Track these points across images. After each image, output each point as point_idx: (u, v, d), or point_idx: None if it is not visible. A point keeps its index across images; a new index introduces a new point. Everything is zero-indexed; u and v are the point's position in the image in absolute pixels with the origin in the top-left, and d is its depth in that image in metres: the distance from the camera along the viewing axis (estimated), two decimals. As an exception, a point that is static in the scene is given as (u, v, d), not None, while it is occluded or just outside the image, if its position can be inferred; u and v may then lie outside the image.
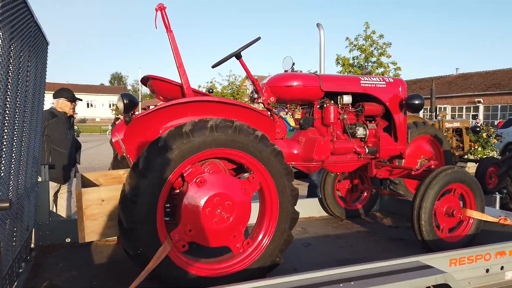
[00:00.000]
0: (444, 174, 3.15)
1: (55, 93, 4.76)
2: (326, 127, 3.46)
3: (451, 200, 3.25)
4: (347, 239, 3.64)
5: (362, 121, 3.61)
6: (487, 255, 2.76)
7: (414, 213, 3.13)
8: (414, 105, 3.50)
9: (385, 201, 4.79)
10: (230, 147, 2.37)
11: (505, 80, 31.91)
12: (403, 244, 3.49)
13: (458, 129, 9.01)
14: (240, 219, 2.44)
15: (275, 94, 3.26)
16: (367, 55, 15.93)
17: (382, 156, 3.57)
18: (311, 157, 3.24)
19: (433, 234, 3.12)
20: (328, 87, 3.33)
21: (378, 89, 3.54)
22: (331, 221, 4.32)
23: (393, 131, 3.69)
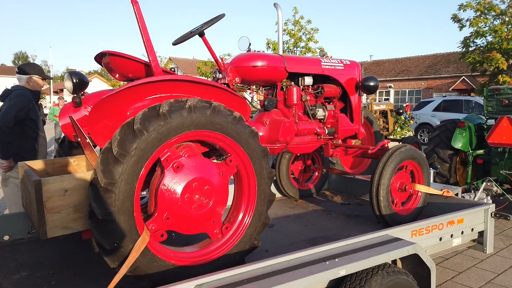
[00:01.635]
0: (399, 152, 3.35)
1: (23, 69, 3.98)
2: (289, 109, 3.45)
3: (404, 176, 3.49)
4: (307, 218, 3.73)
5: (321, 102, 3.68)
6: (441, 225, 3.03)
7: (373, 189, 3.30)
8: (369, 86, 3.65)
9: (333, 180, 5.00)
10: (209, 129, 2.23)
11: (412, 67, 35.19)
12: (360, 220, 3.67)
13: (384, 111, 9.74)
14: (218, 204, 2.33)
15: (240, 74, 3.15)
16: (296, 40, 16.32)
17: (340, 136, 3.68)
18: (277, 138, 3.22)
19: (390, 209, 3.32)
20: (293, 68, 3.31)
21: (337, 71, 3.62)
22: (286, 201, 4.39)
23: (349, 112, 3.82)
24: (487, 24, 16.01)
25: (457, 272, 3.81)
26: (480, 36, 16.02)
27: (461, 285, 3.54)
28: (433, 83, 32.54)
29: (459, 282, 3.60)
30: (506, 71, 15.74)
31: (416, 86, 33.92)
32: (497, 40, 15.19)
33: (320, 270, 2.08)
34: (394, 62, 38.07)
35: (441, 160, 5.85)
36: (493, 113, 5.61)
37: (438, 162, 5.88)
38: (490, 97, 5.61)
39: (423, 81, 33.31)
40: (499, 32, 15.11)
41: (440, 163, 5.86)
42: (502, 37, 15.05)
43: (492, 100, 5.59)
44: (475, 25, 15.90)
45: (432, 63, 34.27)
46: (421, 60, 35.83)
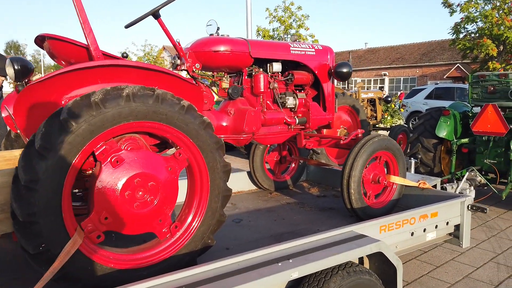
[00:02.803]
0: (371, 142, 3.17)
1: None
2: (256, 97, 3.25)
3: (377, 167, 3.32)
4: (278, 212, 3.56)
5: (292, 90, 3.48)
6: (412, 219, 2.87)
7: (344, 182, 3.13)
8: (342, 73, 3.45)
9: (311, 171, 4.83)
10: (152, 120, 2.03)
11: (407, 55, 34.91)
12: (332, 213, 3.51)
13: (372, 99, 9.55)
14: (166, 201, 2.15)
15: (200, 60, 2.94)
16: (286, 27, 16.01)
17: (312, 126, 3.49)
18: (242, 129, 3.03)
19: (362, 201, 3.16)
20: (258, 53, 3.10)
21: (307, 56, 3.41)
22: (260, 194, 4.22)
23: (322, 101, 3.63)
24: (477, 9, 15.74)
25: (435, 266, 3.68)
26: (471, 21, 15.75)
27: (437, 280, 3.41)
28: (428, 71, 32.33)
29: (435, 276, 3.47)
30: (497, 58, 15.54)
31: (411, 74, 33.72)
32: (488, 26, 14.93)
33: (271, 273, 1.91)
34: (389, 50, 37.76)
35: (425, 149, 5.70)
36: (478, 100, 5.44)
37: (422, 152, 5.72)
38: (475, 84, 5.43)
39: (417, 69, 33.09)
40: (490, 17, 14.85)
41: (424, 153, 5.71)
42: (492, 22, 14.79)
43: (477, 87, 5.41)
44: (465, 10, 15.61)
45: (427, 50, 34.01)
46: (416, 47, 35.54)
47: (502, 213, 5.15)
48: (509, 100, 5.11)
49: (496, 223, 4.76)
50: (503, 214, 5.09)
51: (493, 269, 3.56)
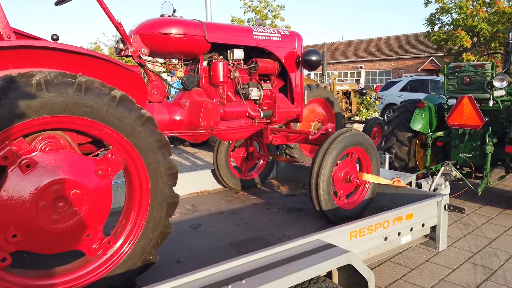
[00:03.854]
0: (342, 137, 2.89)
1: None
2: (215, 88, 2.90)
3: (349, 164, 3.04)
4: (243, 215, 3.24)
5: (256, 80, 3.14)
6: (386, 223, 2.60)
7: (312, 181, 2.83)
8: (311, 61, 3.14)
9: (281, 167, 4.53)
10: (73, 114, 1.66)
11: (382, 48, 35.17)
12: (301, 214, 3.22)
13: (347, 91, 9.34)
14: (95, 211, 1.78)
15: (147, 44, 2.55)
16: (262, 17, 15.61)
17: (278, 120, 3.18)
18: (197, 123, 2.67)
19: (332, 203, 2.88)
20: (215, 37, 2.74)
21: (272, 42, 3.08)
22: (225, 194, 3.89)
23: (290, 92, 3.31)
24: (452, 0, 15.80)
25: (410, 268, 3.46)
26: (445, 12, 15.80)
27: (412, 285, 3.18)
28: (403, 64, 32.67)
29: (410, 280, 3.24)
30: (471, 49, 15.67)
31: (386, 67, 34.01)
32: (462, 17, 15.00)
33: (217, 298, 1.59)
34: (366, 43, 37.94)
35: (400, 143, 5.49)
36: (454, 92, 5.26)
37: (397, 145, 5.52)
38: (451, 75, 5.25)
39: (393, 62, 33.39)
40: (464, 8, 14.91)
41: (399, 146, 5.51)
42: (467, 13, 14.87)
43: (453, 78, 5.23)
44: (440, 1, 15.63)
45: (402, 43, 34.33)
46: (392, 40, 35.84)
47: (477, 208, 5.01)
48: (485, 91, 4.95)
49: (471, 220, 4.61)
50: (478, 210, 4.95)
51: (470, 271, 3.37)
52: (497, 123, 5.07)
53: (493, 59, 13.87)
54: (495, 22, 14.83)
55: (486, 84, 4.85)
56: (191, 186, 3.92)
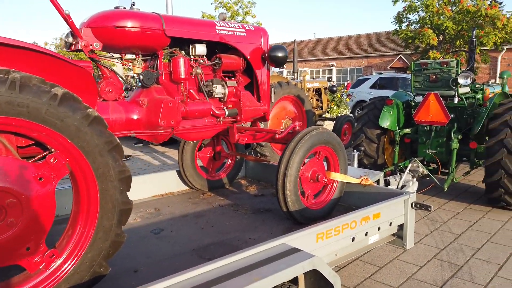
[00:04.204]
0: (309, 136, 2.81)
1: None
2: (176, 85, 2.75)
3: (316, 163, 2.97)
4: (208, 217, 3.11)
5: (220, 77, 3.01)
6: (353, 223, 2.55)
7: (279, 182, 2.74)
8: (277, 58, 3.04)
9: (250, 167, 4.42)
10: (6, 114, 1.48)
11: (353, 46, 35.74)
12: (269, 216, 3.13)
13: (317, 89, 9.34)
14: (36, 222, 1.61)
15: (100, 38, 2.37)
16: (233, 14, 15.44)
17: (244, 118, 3.06)
18: (156, 123, 2.52)
19: (299, 203, 2.80)
20: (174, 31, 2.58)
21: (237, 38, 2.95)
22: (191, 195, 3.74)
23: (256, 89, 3.20)
24: (419, -2, 16.21)
25: (378, 267, 3.44)
26: (412, 11, 16.18)
27: (381, 284, 3.16)
28: (373, 61, 33.32)
29: (378, 279, 3.22)
30: (437, 47, 16.12)
31: (357, 64, 34.58)
32: (429, 15, 15.40)
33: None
34: (337, 41, 38.42)
35: (369, 140, 5.51)
36: (421, 89, 5.32)
37: (366, 143, 5.54)
38: (418, 72, 5.30)
39: (363, 59, 33.99)
40: (431, 7, 15.31)
41: (368, 144, 5.53)
42: (433, 12, 15.27)
43: (420, 76, 5.29)
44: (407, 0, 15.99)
45: (372, 41, 34.99)
46: (362, 38, 36.46)
47: (443, 204, 5.10)
48: (451, 88, 5.03)
49: (438, 215, 4.68)
50: (445, 205, 5.03)
51: (437, 268, 3.39)
52: (462, 120, 5.17)
53: (458, 57, 14.33)
54: (460, 20, 15.32)
55: (451, 81, 4.92)
56: (155, 188, 3.75)
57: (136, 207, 3.35)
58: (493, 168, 4.47)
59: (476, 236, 4.04)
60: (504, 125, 4.42)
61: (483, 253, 3.65)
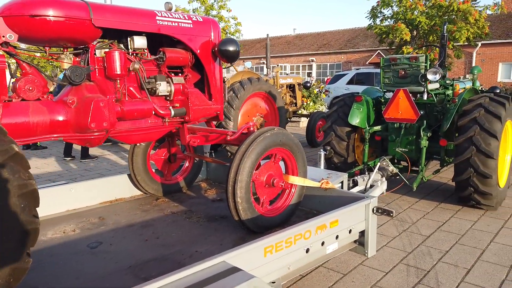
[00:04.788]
0: (262, 138, 2.57)
1: None
2: (112, 82, 2.46)
3: (272, 167, 2.74)
4: (156, 227, 2.85)
5: (165, 73, 2.74)
6: (307, 233, 2.33)
7: (229, 188, 2.50)
8: (228, 52, 2.79)
9: (212, 168, 4.17)
10: None
11: (333, 41, 35.80)
12: (222, 224, 2.89)
13: (291, 85, 9.14)
14: None
15: (15, 28, 2.07)
16: (207, 8, 15.06)
17: (193, 118, 2.80)
18: (85, 125, 2.23)
19: (252, 211, 2.57)
20: (104, 21, 2.29)
21: (182, 30, 2.68)
22: (144, 201, 3.46)
23: (207, 87, 2.94)
24: (393, -7, 16.22)
25: (342, 274, 3.25)
26: (386, 5, 16.16)
27: (343, 293, 2.97)
28: (352, 57, 33.46)
29: (341, 288, 3.03)
30: (410, 43, 16.17)
31: (336, 60, 34.67)
32: (402, 10, 15.41)
33: None
34: (316, 36, 38.41)
35: (339, 138, 5.33)
36: (390, 85, 5.17)
37: (335, 141, 5.36)
38: (387, 67, 5.14)
39: (342, 55, 34.10)
40: (404, 1, 15.32)
41: (338, 142, 5.35)
42: (406, 6, 15.29)
43: (389, 71, 5.13)
44: (381, -6, 16.01)
45: (351, 37, 35.12)
46: (341, 34, 36.55)
47: (414, 203, 4.97)
48: (420, 84, 4.88)
49: (407, 215, 4.54)
50: (415, 204, 4.91)
51: (403, 273, 3.23)
52: (431, 117, 5.05)
53: (432, 52, 14.38)
54: (433, 15, 15.39)
55: (420, 77, 4.78)
56: (105, 194, 3.45)
57: (78, 217, 3.07)
58: (462, 166, 4.35)
59: (445, 238, 3.91)
60: (472, 122, 4.30)
61: (451, 257, 3.51)
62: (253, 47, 39.82)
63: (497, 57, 25.29)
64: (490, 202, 4.41)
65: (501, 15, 27.00)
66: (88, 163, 7.64)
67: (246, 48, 39.62)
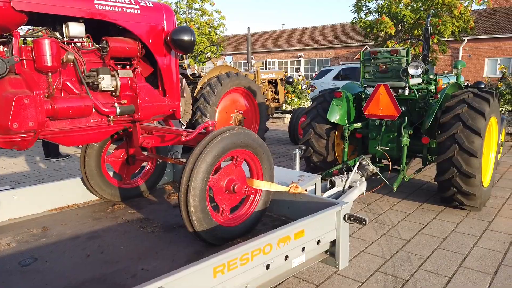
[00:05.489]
0: (220, 139, 2.28)
1: None
2: (44, 75, 2.14)
3: (233, 171, 2.45)
4: (104, 239, 2.54)
5: (110, 65, 2.42)
6: (267, 247, 2.06)
7: (181, 196, 2.20)
8: (181, 42, 2.48)
9: (179, 170, 3.87)
10: None
11: (321, 36, 35.60)
12: (180, 234, 2.60)
13: (273, 80, 8.85)
14: None
15: None
16: (190, 1, 14.64)
17: (143, 116, 2.49)
18: (7, 126, 1.91)
19: (209, 221, 2.28)
20: (27, 4, 1.96)
21: (126, 16, 2.36)
22: (98, 208, 3.15)
23: (160, 81, 2.63)
24: (377, -14, 15.98)
25: (315, 285, 2.99)
26: (371, -1, 15.96)
27: (314, 308, 2.71)
28: (340, 52, 33.32)
29: (312, 302, 2.77)
30: (395, 37, 15.99)
31: (324, 55, 34.52)
32: (387, 3, 15.20)
33: None
34: (304, 31, 38.16)
35: (318, 136, 5.07)
36: (370, 80, 4.91)
37: (315, 138, 5.09)
38: (367, 61, 4.88)
39: (330, 50, 33.93)
40: (388, -6, 15.13)
41: (317, 140, 5.09)
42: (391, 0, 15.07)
43: (369, 66, 4.88)
44: (366, -13, 15.75)
45: (339, 32, 34.96)
46: (329, 29, 36.37)
47: (395, 203, 4.74)
48: (401, 79, 4.64)
49: (388, 217, 4.30)
50: (396, 205, 4.68)
51: (380, 283, 2.98)
52: (413, 113, 4.82)
53: (417, 46, 14.21)
54: (418, 9, 15.21)
55: (402, 72, 4.53)
56: (55, 200, 3.13)
57: (19, 227, 2.74)
58: (444, 165, 4.12)
59: (426, 242, 3.68)
60: (455, 118, 4.08)
61: (431, 263, 3.28)
62: (240, 42, 39.44)
63: (483, 52, 25.39)
64: (473, 203, 4.20)
65: (487, 10, 27.10)
66: (58, 162, 7.25)
67: (234, 43, 39.17)
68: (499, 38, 24.73)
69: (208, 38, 16.63)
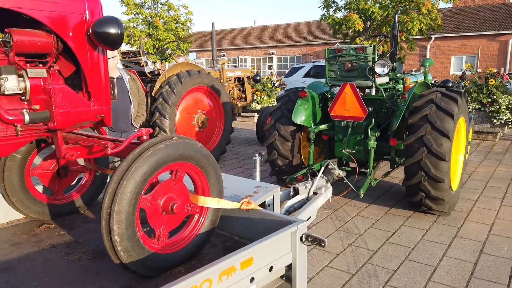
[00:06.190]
0: (152, 151, 1.90)
1: None
2: None
3: (172, 188, 2.09)
4: (16, 272, 2.12)
5: (16, 63, 1.99)
6: (206, 283, 1.71)
7: (103, 223, 1.82)
8: (105, 35, 2.08)
9: (124, 180, 3.45)
10: None
11: (292, 33, 35.54)
12: (109, 263, 2.19)
13: (240, 78, 8.49)
14: None
15: None
16: (155, -5, 14.04)
17: (61, 125, 2.08)
18: None
19: (139, 250, 1.91)
20: None
21: (35, 4, 1.95)
22: (22, 229, 2.70)
23: (84, 82, 2.22)
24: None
25: (272, 309, 2.67)
26: (339, -6, 15.83)
27: (270, 339, 2.38)
28: (312, 50, 33.38)
29: (269, 331, 2.45)
30: (364, 34, 15.96)
31: (296, 53, 34.49)
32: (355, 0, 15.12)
33: None
34: (277, 28, 37.99)
35: (283, 138, 4.78)
36: (336, 79, 4.66)
37: (279, 141, 4.79)
38: (332, 59, 4.62)
39: (302, 48, 33.93)
40: (357, -10, 15.05)
41: (282, 142, 4.79)
42: (360, -4, 15.02)
43: (335, 64, 4.62)
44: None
45: (311, 29, 35.01)
46: (301, 26, 36.38)
47: (362, 208, 4.51)
48: (368, 78, 4.40)
49: (355, 225, 4.06)
50: (364, 211, 4.45)
51: (344, 305, 2.71)
52: (381, 114, 4.60)
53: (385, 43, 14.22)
54: (386, 5, 15.23)
55: (368, 70, 4.29)
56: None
57: None
58: (412, 169, 3.92)
59: (394, 253, 3.45)
60: (423, 120, 3.87)
61: (399, 278, 3.04)
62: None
63: (450, 50, 26.02)
64: (442, 208, 4.02)
65: (453, 9, 27.77)
66: None
67: (206, 39, 38.46)
68: (464, 37, 25.42)
69: (175, 34, 16.04)
